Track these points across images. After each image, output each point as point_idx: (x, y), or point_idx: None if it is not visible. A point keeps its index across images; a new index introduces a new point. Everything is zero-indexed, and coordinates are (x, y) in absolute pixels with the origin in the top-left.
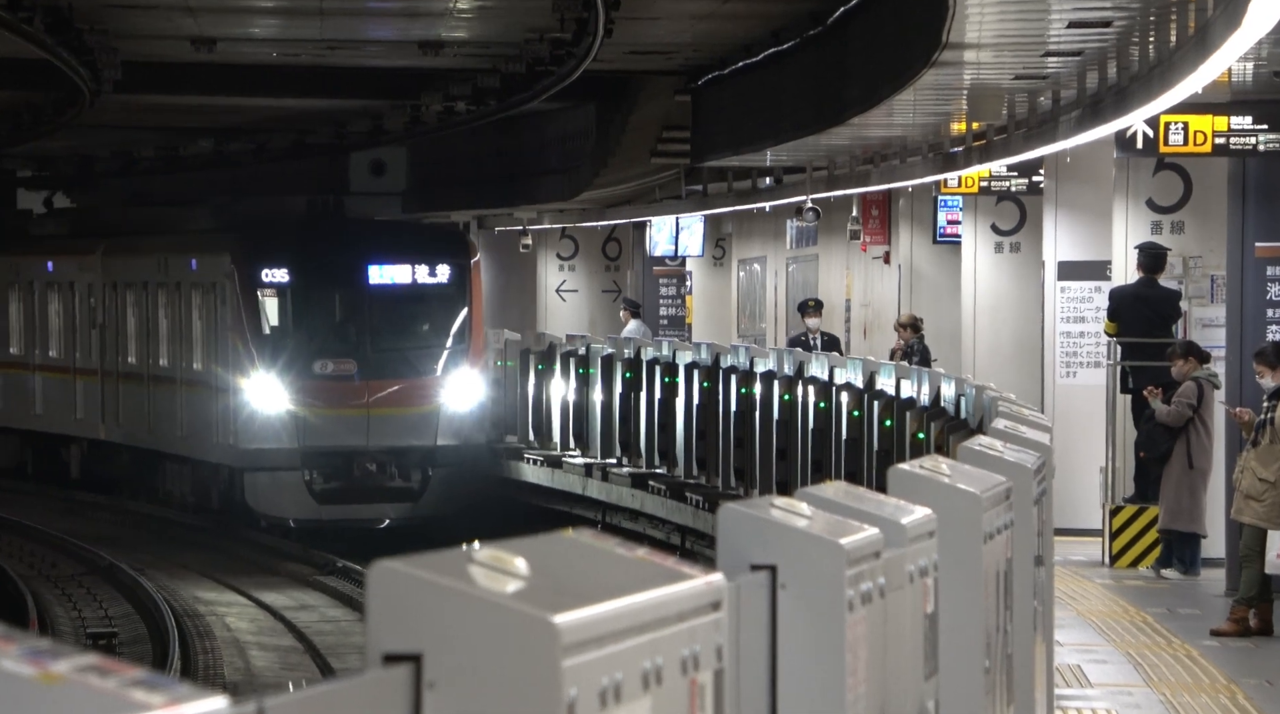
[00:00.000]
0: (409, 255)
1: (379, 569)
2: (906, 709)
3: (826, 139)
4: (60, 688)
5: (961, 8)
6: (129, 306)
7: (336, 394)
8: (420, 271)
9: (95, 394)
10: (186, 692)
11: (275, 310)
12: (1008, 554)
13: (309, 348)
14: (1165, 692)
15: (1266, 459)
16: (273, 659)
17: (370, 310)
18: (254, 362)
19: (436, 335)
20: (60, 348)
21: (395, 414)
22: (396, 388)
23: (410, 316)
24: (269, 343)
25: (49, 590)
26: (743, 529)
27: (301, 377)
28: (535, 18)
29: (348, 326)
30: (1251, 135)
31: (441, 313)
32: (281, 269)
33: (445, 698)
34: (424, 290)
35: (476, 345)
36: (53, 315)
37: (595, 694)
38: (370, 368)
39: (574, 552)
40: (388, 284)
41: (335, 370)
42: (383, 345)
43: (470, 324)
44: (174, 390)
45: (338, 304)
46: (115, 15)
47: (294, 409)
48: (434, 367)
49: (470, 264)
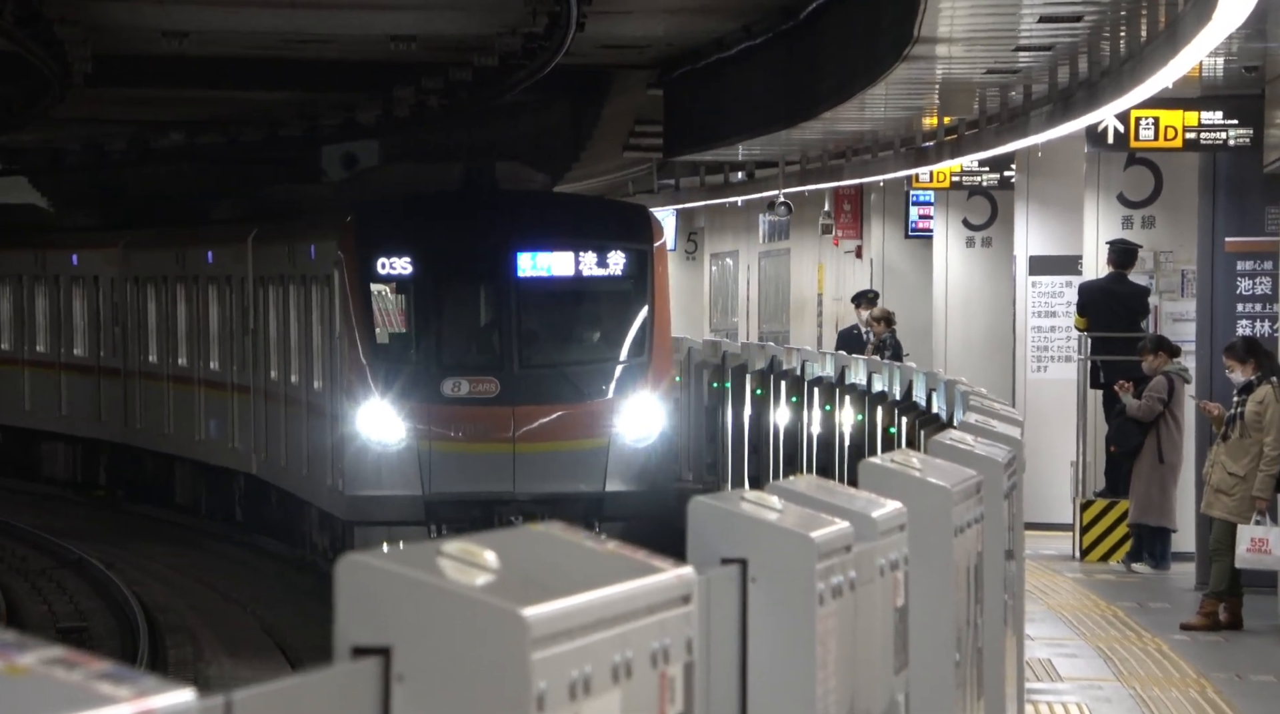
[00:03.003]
0: (571, 238)
1: (347, 562)
2: (877, 703)
3: (799, 133)
4: (26, 680)
5: (933, 2)
6: (218, 302)
7: (473, 424)
8: (586, 260)
9: (177, 402)
10: (154, 684)
11: (393, 312)
12: (978, 548)
13: (437, 362)
14: (1135, 686)
15: (1236, 453)
16: (244, 655)
17: (518, 312)
18: (365, 380)
19: (607, 345)
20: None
21: (551, 451)
22: (553, 416)
23: (572, 320)
24: (385, 355)
25: (18, 584)
26: (713, 522)
27: (427, 400)
28: (508, 11)
29: (488, 334)
30: (1222, 130)
31: (614, 315)
32: (402, 258)
33: (414, 691)
34: (591, 285)
35: (660, 358)
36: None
37: (565, 687)
38: (518, 389)
39: (544, 545)
40: (542, 277)
41: (471, 392)
42: (535, 359)
43: (652, 330)
44: (265, 405)
45: (475, 304)
46: (86, 7)
47: (416, 444)
48: (603, 387)
49: (652, 250)
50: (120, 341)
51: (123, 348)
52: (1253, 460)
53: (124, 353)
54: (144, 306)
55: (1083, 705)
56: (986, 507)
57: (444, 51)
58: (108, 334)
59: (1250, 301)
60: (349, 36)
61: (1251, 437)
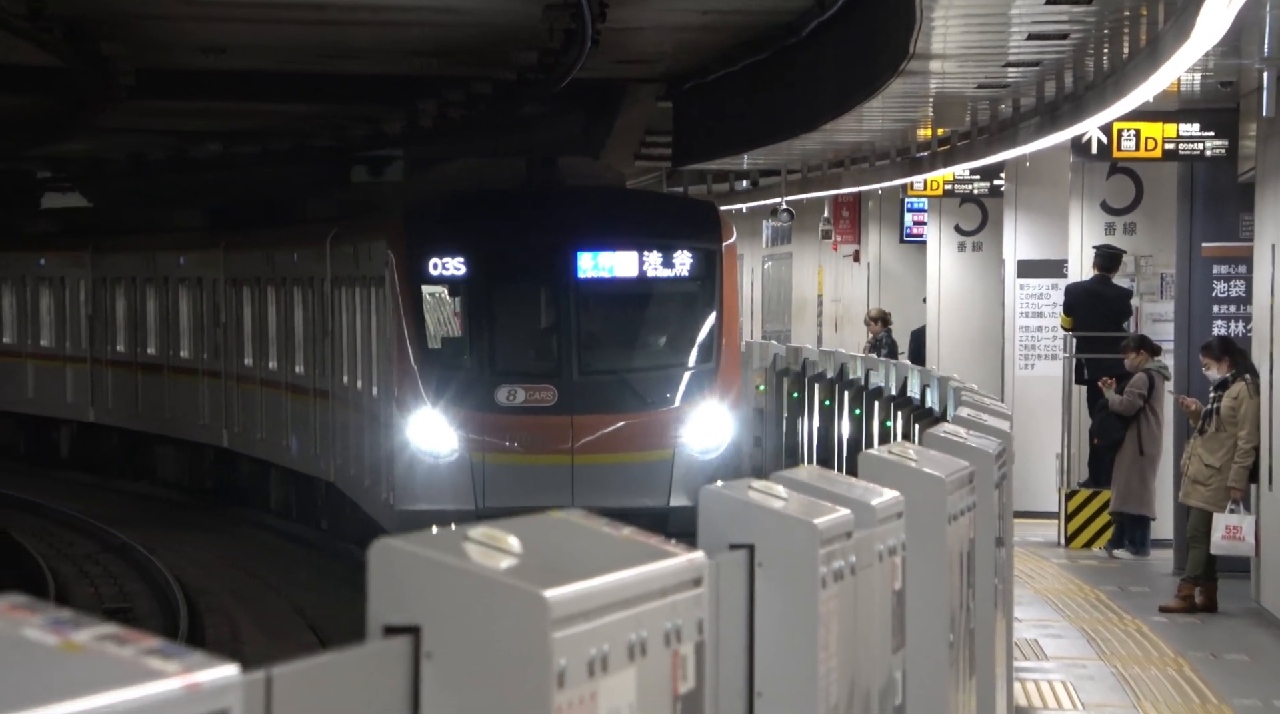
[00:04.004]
0: (635, 237)
1: (379, 546)
2: (875, 680)
3: (800, 144)
4: (81, 655)
5: (928, 20)
6: (301, 305)
7: (529, 434)
8: (651, 260)
9: (222, 398)
10: (200, 660)
11: (445, 315)
12: (970, 535)
13: (491, 368)
14: (1117, 664)
15: (1212, 446)
16: (278, 635)
17: (578, 315)
18: (415, 387)
19: (672, 351)
20: (190, 348)
21: (612, 463)
22: (614, 426)
23: (635, 324)
24: (436, 361)
25: (66, 567)
26: (722, 510)
27: (480, 409)
28: (526, 29)
29: (546, 339)
30: (1199, 142)
31: (680, 318)
32: (455, 258)
33: (442, 667)
34: (655, 286)
35: (729, 364)
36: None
37: (584, 664)
38: (577, 397)
39: (564, 531)
40: (603, 278)
41: (528, 400)
42: (595, 365)
43: (720, 334)
44: (318, 405)
45: (532, 307)
46: (129, 24)
47: (469, 456)
48: (668, 395)
49: (721, 249)
50: (221, 344)
51: (223, 351)
52: (1228, 453)
53: (224, 356)
54: (240, 309)
55: (1068, 683)
56: (978, 496)
57: (465, 66)
58: (210, 336)
59: (1225, 303)
60: (375, 51)
61: (1227, 430)
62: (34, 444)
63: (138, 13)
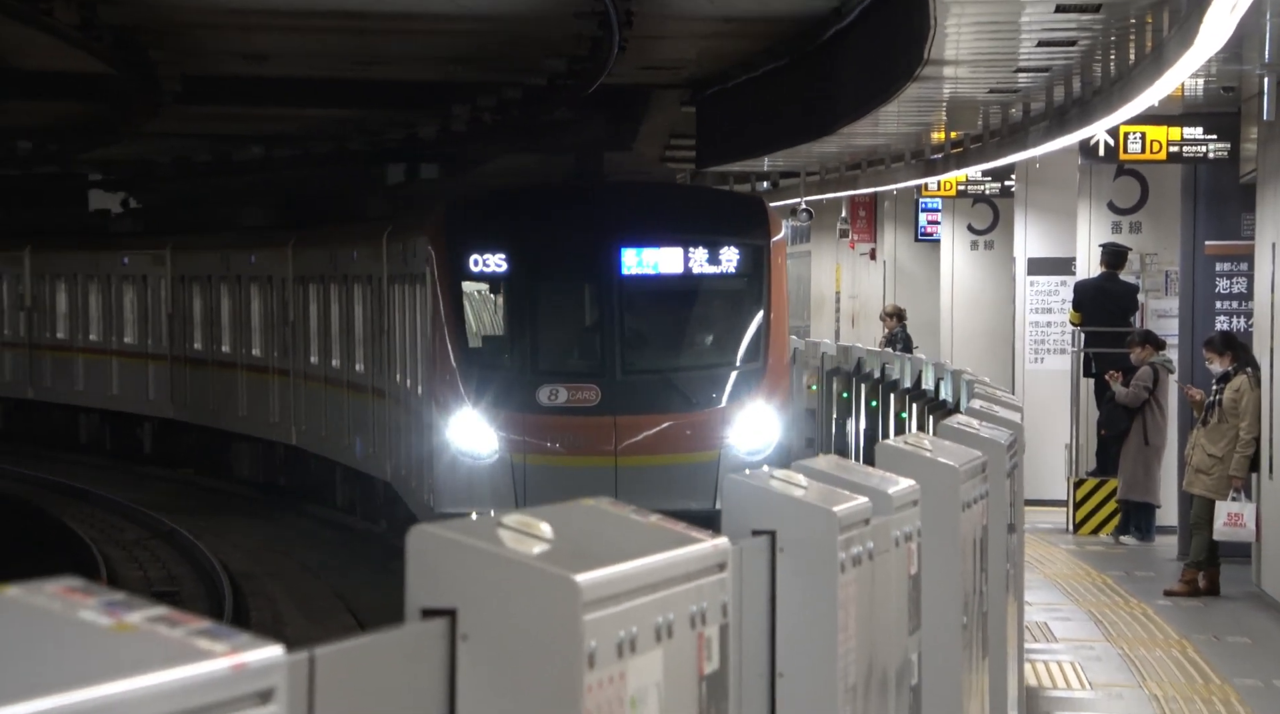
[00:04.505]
0: (680, 232)
1: (417, 532)
2: (892, 661)
3: (819, 146)
4: (133, 636)
5: (941, 28)
6: (360, 303)
7: (571, 435)
8: (697, 256)
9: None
10: (246, 641)
11: (486, 313)
12: (983, 521)
13: (533, 368)
14: (1123, 646)
15: (1215, 437)
16: (319, 617)
17: (621, 313)
18: (455, 387)
19: (719, 350)
20: (261, 346)
21: (657, 465)
22: (659, 427)
23: (681, 322)
24: (476, 360)
25: (116, 552)
26: (746, 498)
27: (521, 409)
28: (556, 37)
29: (589, 337)
30: (1202, 144)
31: (727, 316)
32: (496, 254)
33: (477, 649)
34: (702, 283)
35: (777, 363)
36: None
37: (613, 646)
38: (621, 397)
39: (594, 518)
40: (648, 275)
41: (570, 400)
42: (639, 365)
43: (768, 332)
44: (374, 404)
45: (575, 304)
46: (175, 33)
47: (510, 457)
48: (714, 395)
49: (769, 245)
50: (290, 342)
51: (291, 348)
52: (1229, 443)
53: (292, 354)
54: (306, 307)
55: (1076, 664)
56: (990, 484)
57: (497, 72)
58: (279, 334)
59: (1228, 299)
60: (410, 58)
61: (1228, 422)
62: (119, 440)
63: (183, 21)
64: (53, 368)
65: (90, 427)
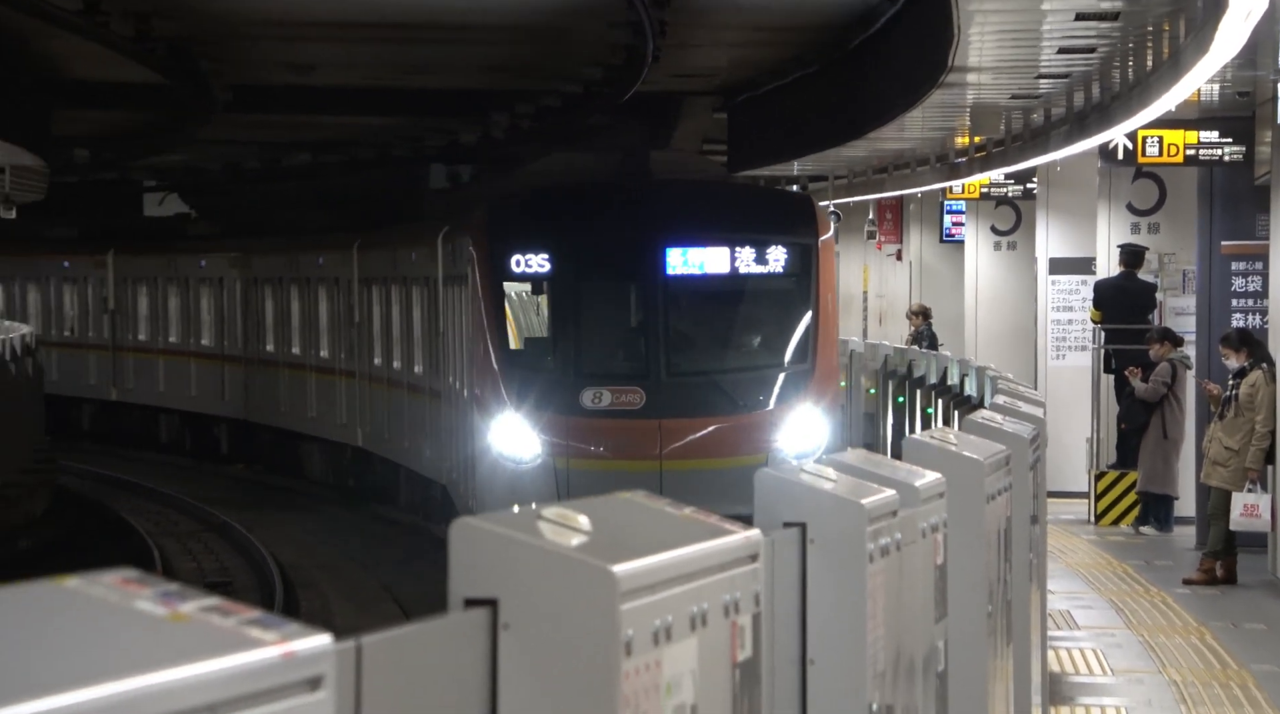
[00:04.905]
0: (727, 231)
1: (459, 524)
2: (919, 648)
3: (846, 151)
4: (187, 625)
5: (965, 36)
6: (418, 305)
7: (615, 439)
8: (744, 255)
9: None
10: (296, 629)
11: (528, 314)
12: (1007, 513)
13: (576, 370)
14: (1143, 633)
15: (1231, 430)
16: (365, 607)
17: (666, 314)
18: (497, 389)
19: (766, 351)
20: (330, 348)
21: (702, 469)
22: (705, 430)
23: (727, 323)
24: (518, 362)
25: (171, 544)
26: (777, 491)
27: (564, 412)
28: (591, 45)
29: (633, 339)
30: (1218, 148)
31: (774, 317)
32: (539, 254)
33: (518, 637)
34: (748, 283)
35: (825, 365)
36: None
37: (649, 634)
38: (666, 400)
39: (631, 511)
40: (694, 275)
41: (614, 403)
42: (685, 367)
43: (816, 333)
44: (431, 407)
45: (619, 305)
46: (226, 45)
47: (552, 461)
48: (761, 397)
49: (818, 244)
50: (356, 344)
51: (357, 351)
52: (1245, 436)
53: (358, 356)
54: (370, 308)
55: (1098, 651)
56: (1014, 477)
57: (534, 80)
58: (346, 337)
59: (1243, 297)
60: (451, 67)
61: (1244, 415)
62: (197, 440)
63: (233, 34)
64: (135, 370)
65: (170, 427)
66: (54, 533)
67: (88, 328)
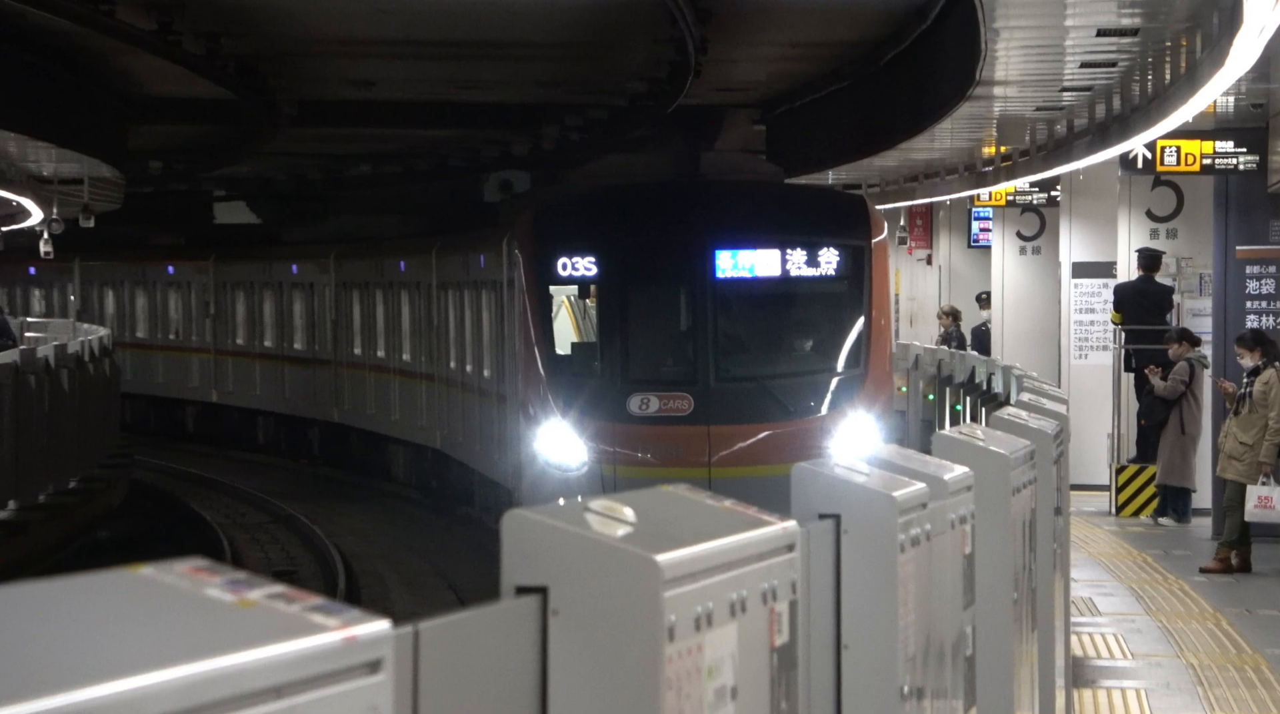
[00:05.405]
0: (777, 233)
1: (511, 516)
2: (949, 633)
3: (879, 160)
4: (253, 611)
5: (992, 51)
6: (486, 308)
7: (663, 446)
8: (795, 258)
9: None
10: (357, 615)
11: (574, 318)
12: (1032, 505)
13: (623, 375)
14: (1162, 619)
15: (1246, 426)
16: (423, 594)
17: (716, 318)
18: (543, 395)
19: (818, 356)
20: (411, 351)
21: (752, 477)
22: (755, 437)
23: (778, 327)
24: (565, 367)
25: (240, 535)
26: (812, 484)
27: (612, 419)
28: (637, 61)
29: (682, 343)
30: (1233, 157)
31: (826, 321)
32: (585, 257)
33: (567, 622)
34: (800, 286)
35: (878, 370)
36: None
37: (691, 620)
38: (715, 406)
39: (673, 503)
40: (744, 278)
41: (662, 410)
42: (734, 372)
43: (869, 338)
44: (498, 411)
45: (667, 309)
46: (291, 62)
47: (599, 468)
48: (812, 403)
49: (871, 246)
50: (436, 348)
51: (435, 354)
52: (1259, 431)
53: (436, 360)
54: (447, 312)
55: (1119, 635)
56: (1039, 471)
57: (582, 94)
58: (425, 340)
59: (1257, 300)
60: (504, 83)
61: (1258, 412)
62: (291, 441)
63: (298, 51)
64: (234, 373)
65: (267, 428)
66: (130, 524)
67: (190, 332)
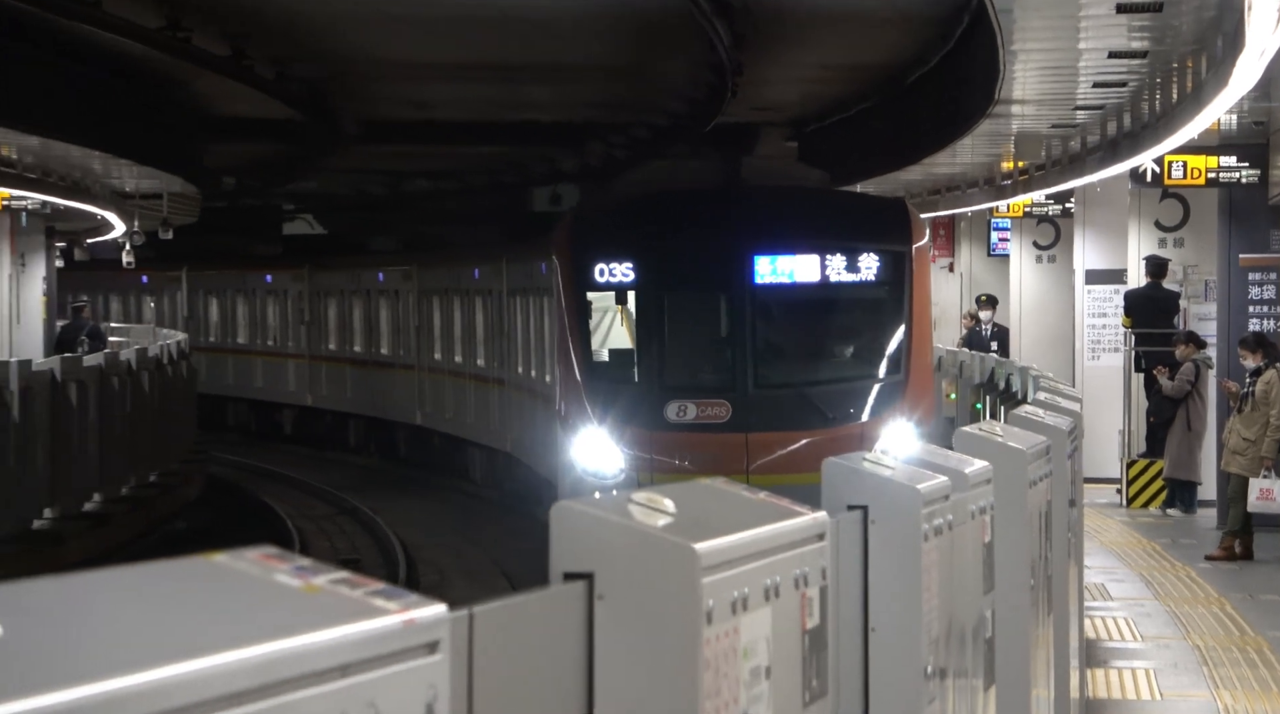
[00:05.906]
0: (817, 239)
1: (559, 506)
2: (969, 617)
3: (904, 175)
4: (319, 596)
5: (1010, 72)
6: (544, 315)
7: (701, 453)
8: (834, 263)
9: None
10: (415, 600)
11: (611, 325)
12: (1048, 497)
13: (660, 382)
14: (1170, 604)
15: (1248, 423)
16: (478, 581)
17: (754, 325)
18: (580, 402)
19: (857, 363)
20: (467, 354)
21: (791, 485)
22: (794, 445)
23: (817, 334)
24: (602, 374)
25: (308, 525)
26: (841, 477)
27: (649, 426)
28: (676, 83)
29: (720, 350)
30: (1236, 171)
31: (866, 327)
32: (623, 264)
33: (612, 607)
34: (839, 292)
35: (919, 376)
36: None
37: (728, 605)
38: (753, 413)
39: (711, 495)
40: (782, 284)
41: (699, 417)
42: (773, 379)
43: (909, 344)
44: (525, 401)
45: (705, 315)
46: (355, 85)
47: (636, 476)
48: (851, 411)
49: (911, 251)
50: (505, 353)
51: (506, 359)
52: (1261, 428)
53: (506, 364)
54: (515, 319)
55: (1129, 619)
56: (1054, 465)
57: (625, 113)
58: (497, 345)
59: (1259, 305)
60: (552, 103)
61: (1260, 410)
62: (380, 444)
63: (362, 75)
64: (326, 377)
65: (357, 431)
66: (206, 516)
67: (287, 338)
